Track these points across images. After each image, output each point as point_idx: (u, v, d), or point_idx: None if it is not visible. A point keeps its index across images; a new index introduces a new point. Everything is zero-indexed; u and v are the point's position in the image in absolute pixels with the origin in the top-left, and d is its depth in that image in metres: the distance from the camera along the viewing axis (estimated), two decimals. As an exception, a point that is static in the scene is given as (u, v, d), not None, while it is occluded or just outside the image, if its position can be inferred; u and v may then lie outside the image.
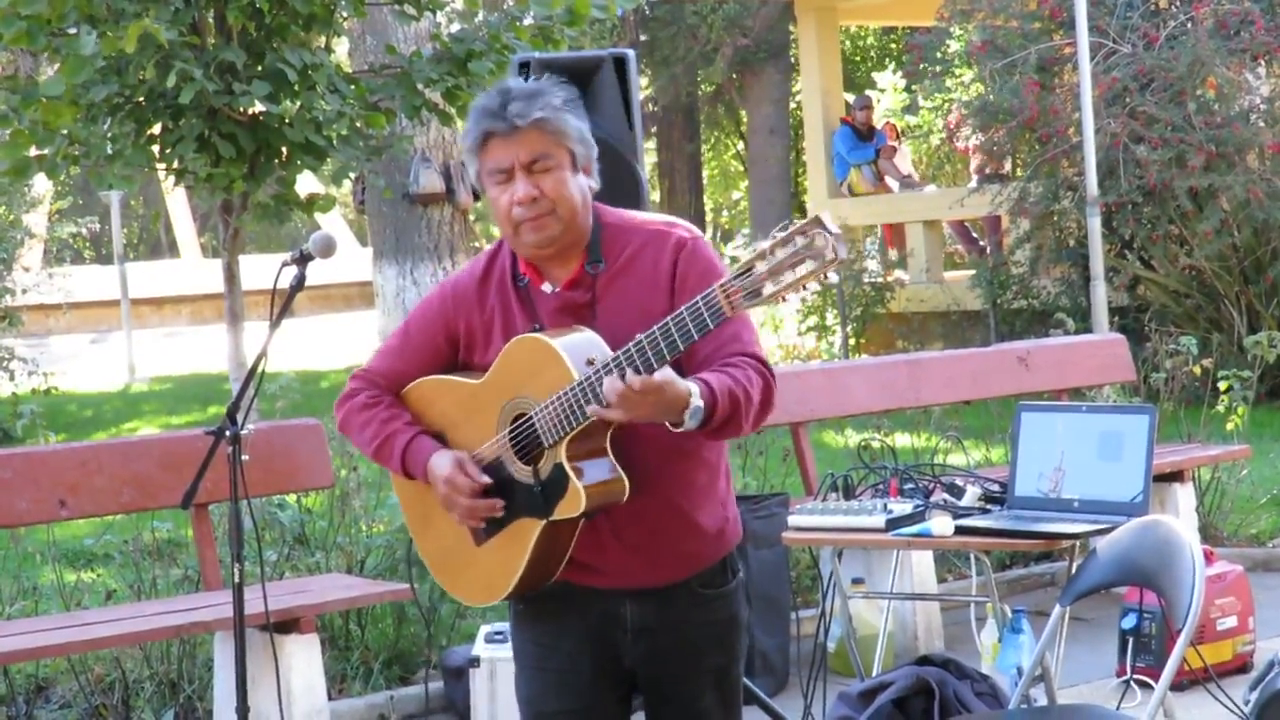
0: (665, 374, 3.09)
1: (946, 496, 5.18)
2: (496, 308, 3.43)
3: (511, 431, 3.34)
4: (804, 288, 2.98)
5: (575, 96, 3.40)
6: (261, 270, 14.38)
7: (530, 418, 3.29)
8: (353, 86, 7.47)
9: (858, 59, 28.45)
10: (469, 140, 3.38)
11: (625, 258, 3.36)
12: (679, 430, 3.16)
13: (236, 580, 3.88)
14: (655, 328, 3.10)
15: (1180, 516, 7.25)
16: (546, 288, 3.40)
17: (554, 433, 3.24)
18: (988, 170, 15.27)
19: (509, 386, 3.33)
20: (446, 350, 3.49)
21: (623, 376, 3.09)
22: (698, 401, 3.12)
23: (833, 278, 7.17)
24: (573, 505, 3.25)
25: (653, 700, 3.53)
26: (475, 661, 5.81)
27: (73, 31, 6.88)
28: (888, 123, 18.60)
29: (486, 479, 3.35)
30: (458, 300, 3.47)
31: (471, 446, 3.41)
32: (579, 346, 3.25)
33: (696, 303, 3.06)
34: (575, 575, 3.41)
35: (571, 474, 3.24)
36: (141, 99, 7.18)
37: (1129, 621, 6.07)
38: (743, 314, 3.27)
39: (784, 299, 3.01)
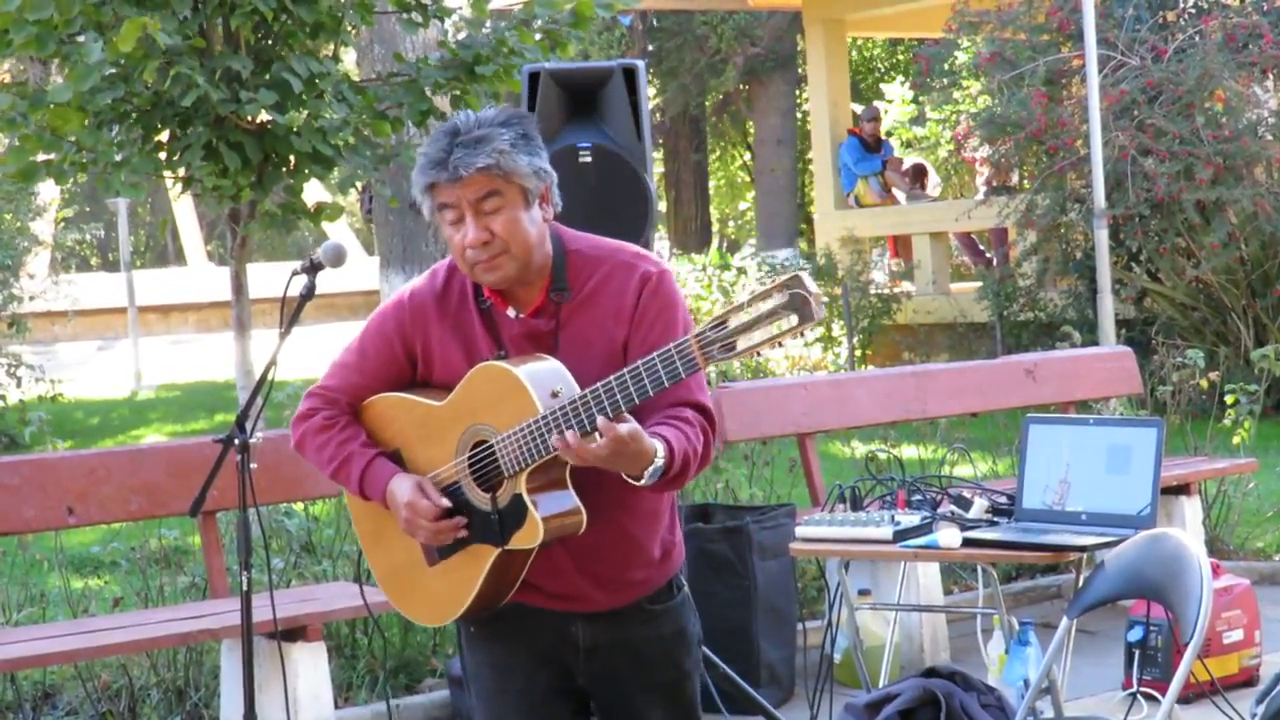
0: (633, 427, 3.07)
1: (954, 508, 5.18)
2: (457, 326, 3.37)
3: (471, 458, 3.29)
4: (779, 344, 2.96)
5: (528, 131, 3.27)
6: (269, 278, 14.42)
7: (491, 445, 3.25)
8: (360, 96, 7.47)
9: (865, 70, 28.48)
10: (416, 188, 3.28)
11: (590, 288, 3.32)
12: (635, 483, 3.14)
13: (244, 588, 3.89)
14: (625, 371, 3.07)
15: (1186, 529, 7.24)
16: (511, 313, 3.35)
17: (515, 464, 3.20)
18: (995, 182, 15.27)
19: (470, 412, 3.28)
20: (405, 364, 3.42)
21: (590, 419, 3.07)
22: (659, 462, 3.12)
23: (809, 335, 7.19)
24: (530, 536, 3.22)
25: (606, 717, 3.53)
26: (481, 671, 5.80)
27: (80, 39, 6.89)
28: (917, 163, 18.50)
29: (446, 502, 3.31)
30: (415, 315, 3.39)
31: (428, 468, 3.36)
32: (544, 377, 3.20)
33: (669, 351, 3.04)
34: (527, 596, 3.38)
35: (531, 505, 3.20)
36: (147, 105, 7.19)
37: (1135, 634, 6.06)
38: None
39: (758, 354, 3.00)
